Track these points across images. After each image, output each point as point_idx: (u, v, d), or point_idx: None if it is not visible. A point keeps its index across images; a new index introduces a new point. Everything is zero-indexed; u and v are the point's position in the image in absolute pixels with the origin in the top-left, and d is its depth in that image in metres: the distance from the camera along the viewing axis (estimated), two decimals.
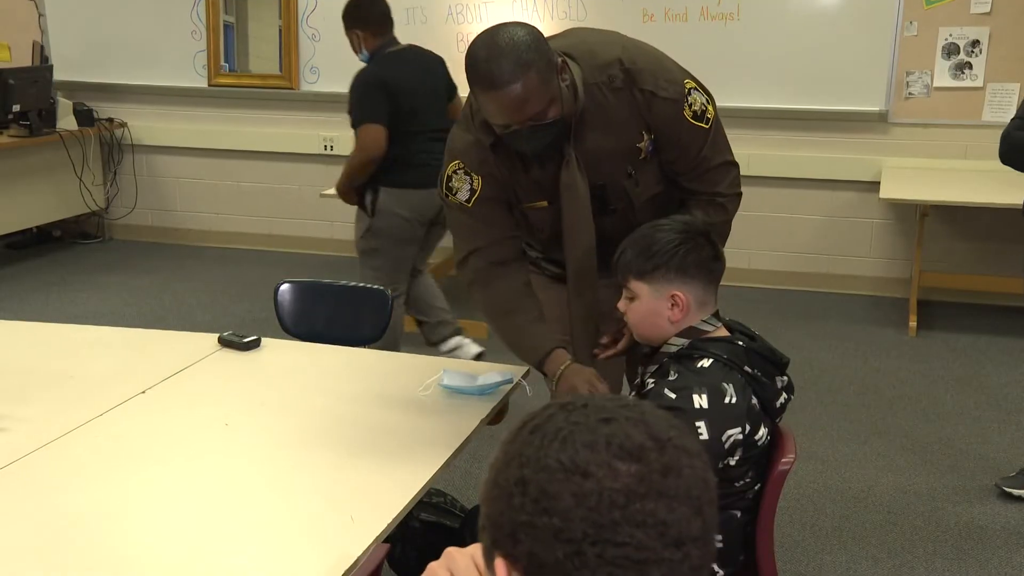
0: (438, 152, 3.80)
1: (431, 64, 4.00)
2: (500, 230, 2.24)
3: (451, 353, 4.19)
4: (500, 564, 0.85)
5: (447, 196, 2.25)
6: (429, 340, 4.30)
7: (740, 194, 2.28)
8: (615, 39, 2.19)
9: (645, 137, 2.14)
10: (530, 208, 2.22)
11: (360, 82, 3.83)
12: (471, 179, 2.19)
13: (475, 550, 1.00)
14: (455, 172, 2.22)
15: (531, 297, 2.26)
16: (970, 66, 5.10)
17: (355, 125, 3.83)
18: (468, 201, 2.21)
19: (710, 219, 2.18)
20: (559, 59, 2.02)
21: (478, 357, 4.14)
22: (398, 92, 3.79)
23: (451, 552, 1.03)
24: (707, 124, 2.15)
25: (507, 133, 2.03)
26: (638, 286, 1.94)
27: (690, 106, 2.12)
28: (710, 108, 2.16)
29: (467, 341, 4.31)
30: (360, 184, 3.93)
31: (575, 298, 2.27)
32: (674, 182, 2.24)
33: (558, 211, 2.18)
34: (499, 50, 1.93)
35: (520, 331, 2.24)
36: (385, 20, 3.91)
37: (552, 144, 2.06)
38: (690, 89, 2.13)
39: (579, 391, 2.09)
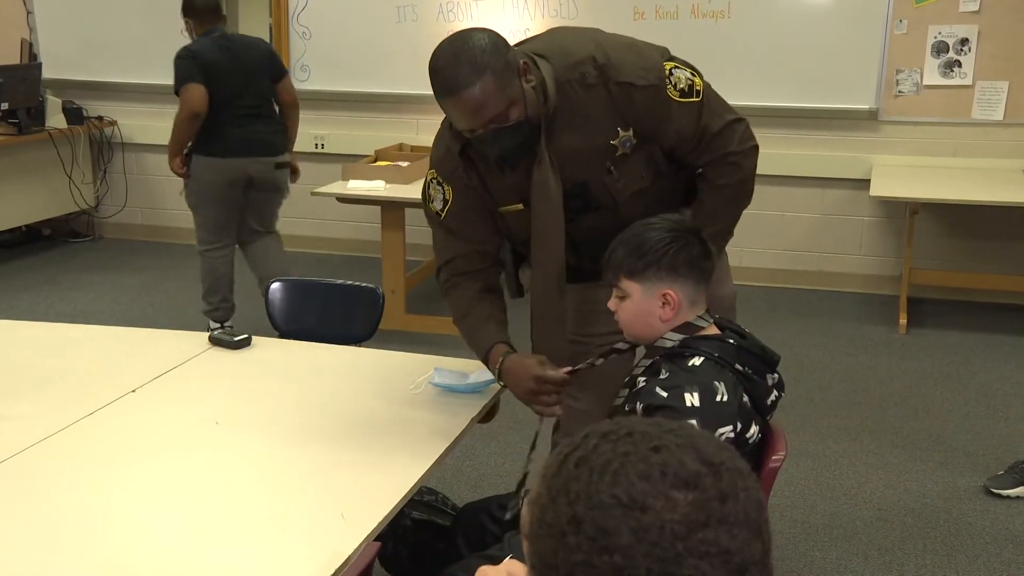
0: (249, 125, 4.33)
1: (251, 47, 4.46)
2: (469, 243, 2.25)
3: None
4: None
5: (426, 205, 2.27)
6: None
7: (755, 147, 2.25)
8: (589, 36, 2.18)
9: (621, 133, 2.14)
10: (507, 212, 2.23)
11: (176, 57, 4.31)
12: (443, 190, 2.21)
13: (509, 566, 0.98)
14: (431, 182, 2.25)
15: (484, 301, 2.26)
16: (959, 64, 5.12)
17: (177, 90, 4.29)
18: (441, 212, 2.23)
19: (724, 180, 2.19)
20: (522, 60, 2.02)
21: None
22: (207, 65, 4.24)
23: (485, 571, 1.00)
24: (697, 97, 2.14)
25: (473, 138, 2.05)
26: (629, 285, 1.94)
27: (675, 86, 2.11)
28: (697, 80, 2.16)
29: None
30: (187, 149, 4.40)
31: (537, 301, 2.25)
32: (683, 165, 2.23)
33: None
34: (455, 57, 1.96)
35: (470, 331, 2.26)
36: (209, 12, 4.37)
37: (520, 146, 2.06)
38: (670, 69, 2.12)
39: (524, 383, 2.09)
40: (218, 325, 4.55)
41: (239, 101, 4.34)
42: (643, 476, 0.80)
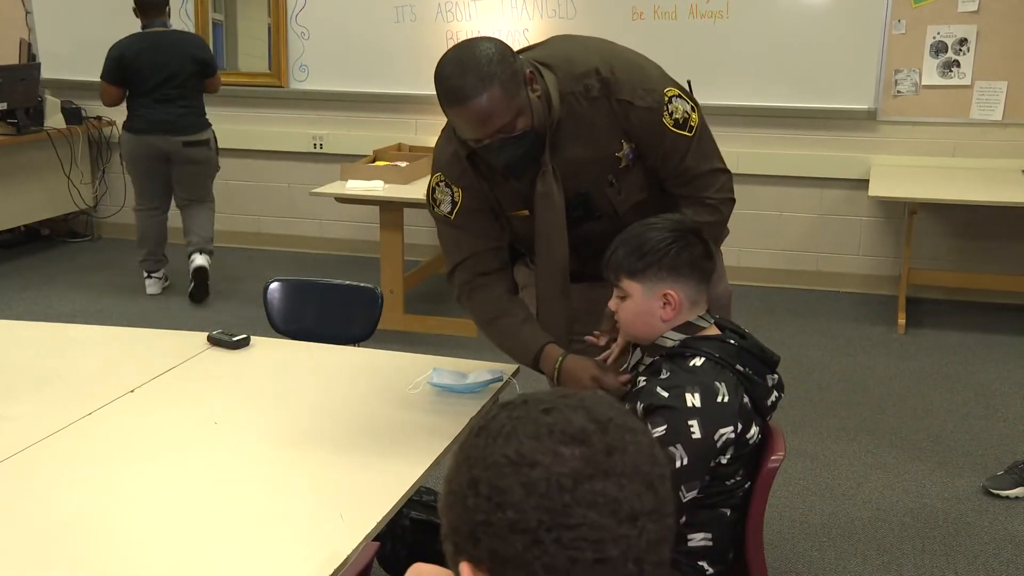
0: (160, 108, 5.10)
1: (180, 43, 5.12)
2: (483, 241, 2.25)
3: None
4: (465, 568, 0.86)
5: (432, 208, 2.26)
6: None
7: (731, 199, 2.26)
8: (595, 47, 2.18)
9: (624, 145, 2.14)
10: (513, 216, 2.23)
11: (108, 49, 5.10)
12: (452, 192, 2.21)
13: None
14: (438, 184, 2.24)
15: (515, 301, 2.27)
16: (958, 64, 5.12)
17: (101, 77, 5.15)
18: (451, 213, 2.23)
19: (700, 219, 2.19)
20: (528, 70, 2.02)
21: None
22: (129, 61, 5.03)
23: (418, 567, 1.04)
24: (690, 132, 2.14)
25: (479, 147, 2.04)
26: (630, 285, 1.93)
27: (671, 114, 2.11)
28: (694, 116, 2.15)
29: (152, 280, 5.52)
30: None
31: (544, 307, 2.26)
32: (662, 187, 2.24)
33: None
34: (462, 66, 1.95)
35: (508, 334, 2.25)
36: (151, 8, 5.08)
37: (526, 155, 2.06)
38: (671, 97, 2.12)
39: (584, 385, 2.09)
40: (147, 274, 5.48)
41: (159, 89, 5.06)
42: (532, 435, 0.85)
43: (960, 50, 5.10)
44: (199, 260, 5.38)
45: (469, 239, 2.25)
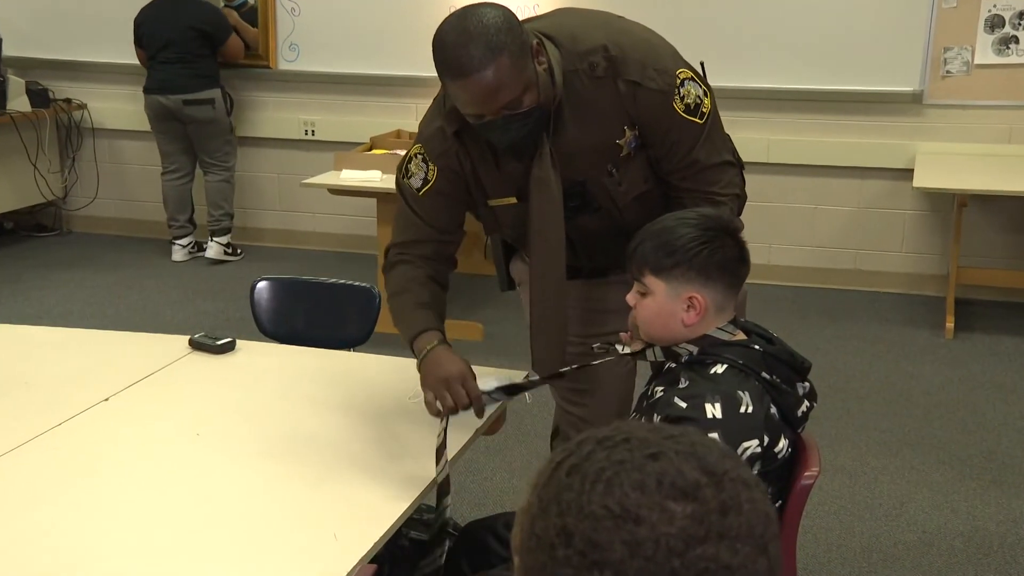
0: (164, 69, 5.82)
1: (179, 13, 5.79)
2: (433, 232, 2.28)
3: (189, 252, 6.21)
4: None
5: (403, 178, 2.28)
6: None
7: (738, 195, 2.27)
8: (602, 22, 2.19)
9: (628, 132, 2.15)
10: (497, 204, 2.25)
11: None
12: (427, 168, 2.23)
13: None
14: (415, 156, 2.26)
15: (427, 288, 2.26)
16: (1016, 40, 5.11)
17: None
18: (418, 190, 2.25)
19: None
20: (534, 40, 2.03)
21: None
22: (138, 26, 5.86)
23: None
24: (701, 119, 2.14)
25: (480, 124, 2.05)
26: (654, 282, 1.93)
27: (682, 99, 2.12)
28: (706, 101, 2.16)
29: (175, 247, 6.18)
30: None
31: (538, 304, 2.27)
32: (664, 180, 2.25)
33: (528, 208, 2.19)
34: (467, 34, 1.94)
35: (402, 311, 2.25)
36: None
37: (531, 134, 2.06)
38: (683, 80, 2.13)
39: (445, 375, 2.08)
40: (171, 240, 6.15)
41: (161, 53, 5.79)
42: (637, 486, 0.82)
43: (1019, 24, 5.09)
44: (209, 251, 6.09)
45: (420, 225, 2.27)
